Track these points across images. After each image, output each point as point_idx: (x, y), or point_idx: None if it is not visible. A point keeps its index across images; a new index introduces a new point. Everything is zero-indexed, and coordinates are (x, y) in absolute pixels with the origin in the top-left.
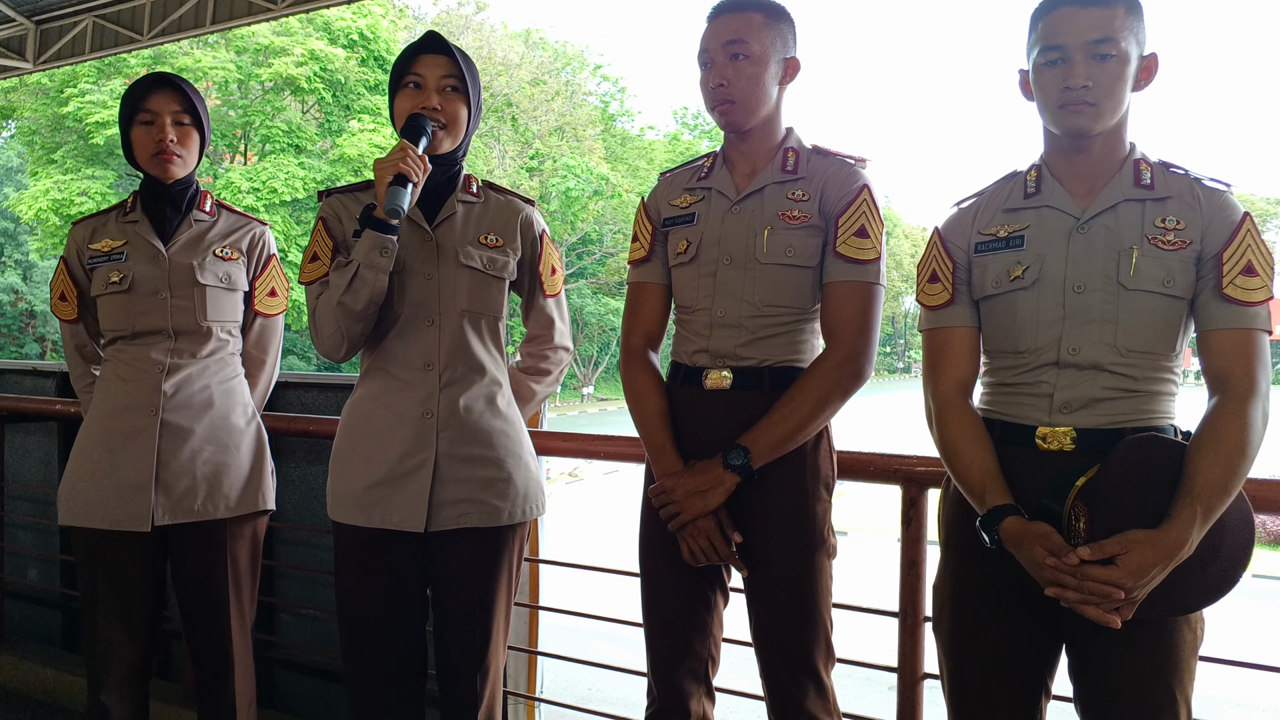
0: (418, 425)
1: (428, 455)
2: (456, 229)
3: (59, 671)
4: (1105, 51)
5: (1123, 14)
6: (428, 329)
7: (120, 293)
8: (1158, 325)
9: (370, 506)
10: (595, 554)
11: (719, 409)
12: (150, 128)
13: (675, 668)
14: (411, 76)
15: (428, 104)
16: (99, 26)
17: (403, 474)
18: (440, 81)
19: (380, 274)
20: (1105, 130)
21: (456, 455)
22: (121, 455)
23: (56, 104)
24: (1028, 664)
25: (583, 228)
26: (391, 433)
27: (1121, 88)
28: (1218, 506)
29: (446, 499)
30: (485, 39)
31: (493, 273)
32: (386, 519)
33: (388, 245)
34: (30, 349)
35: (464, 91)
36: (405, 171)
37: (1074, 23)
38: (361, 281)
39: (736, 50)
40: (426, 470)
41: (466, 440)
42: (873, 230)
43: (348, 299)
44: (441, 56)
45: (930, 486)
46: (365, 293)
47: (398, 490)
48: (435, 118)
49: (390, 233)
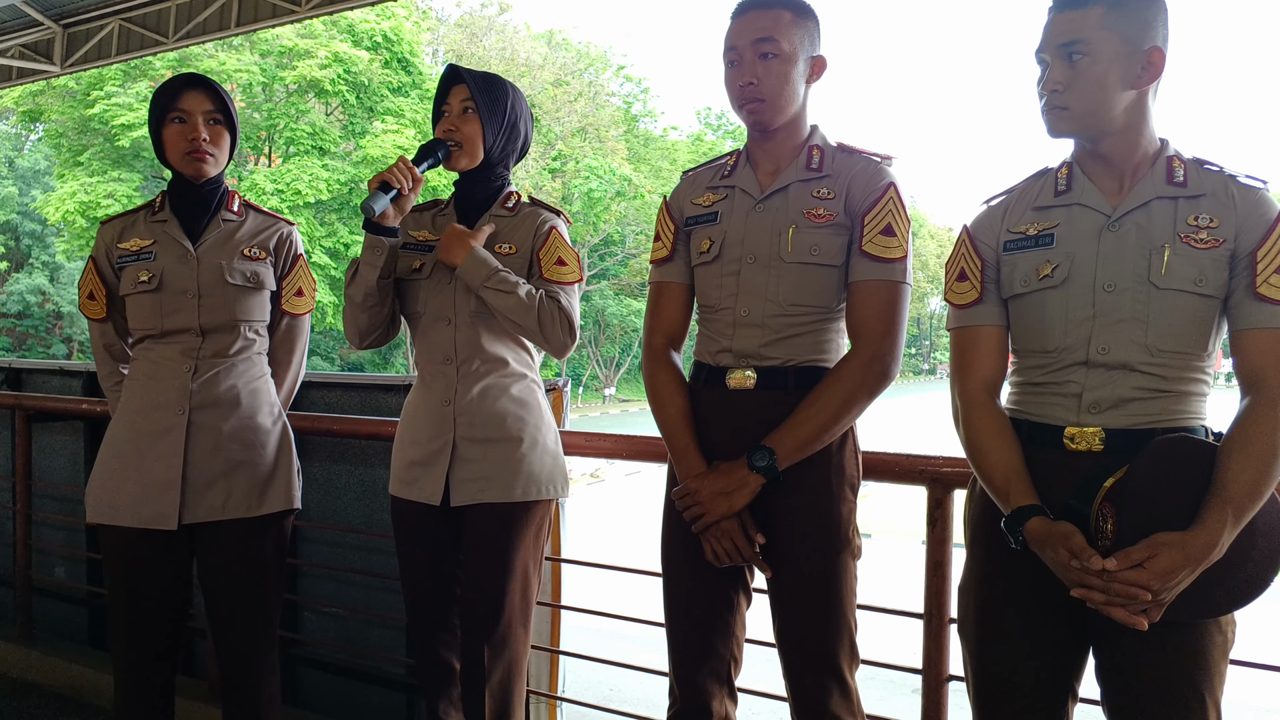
0: (440, 411)
1: (447, 438)
2: (482, 239)
3: (85, 668)
4: (1076, 51)
5: (1100, 13)
6: (446, 329)
7: (148, 292)
8: (1189, 325)
9: (410, 482)
10: (617, 554)
11: (742, 409)
12: (183, 126)
13: (698, 669)
14: (444, 106)
15: (447, 128)
16: (125, 29)
17: (431, 454)
18: (461, 105)
19: (372, 269)
20: (1109, 130)
21: (472, 438)
22: (149, 454)
23: (83, 106)
24: (1054, 666)
25: (605, 229)
26: (423, 418)
27: (1093, 87)
28: (1249, 509)
29: (464, 477)
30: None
31: None
32: (419, 493)
33: (378, 245)
34: (57, 349)
35: (478, 112)
36: (388, 179)
37: (1053, 28)
38: (360, 277)
39: (766, 49)
40: (446, 452)
41: (481, 425)
42: (899, 228)
43: (350, 291)
44: (460, 84)
45: (956, 488)
46: (361, 286)
47: (428, 468)
48: (450, 138)
49: (381, 234)
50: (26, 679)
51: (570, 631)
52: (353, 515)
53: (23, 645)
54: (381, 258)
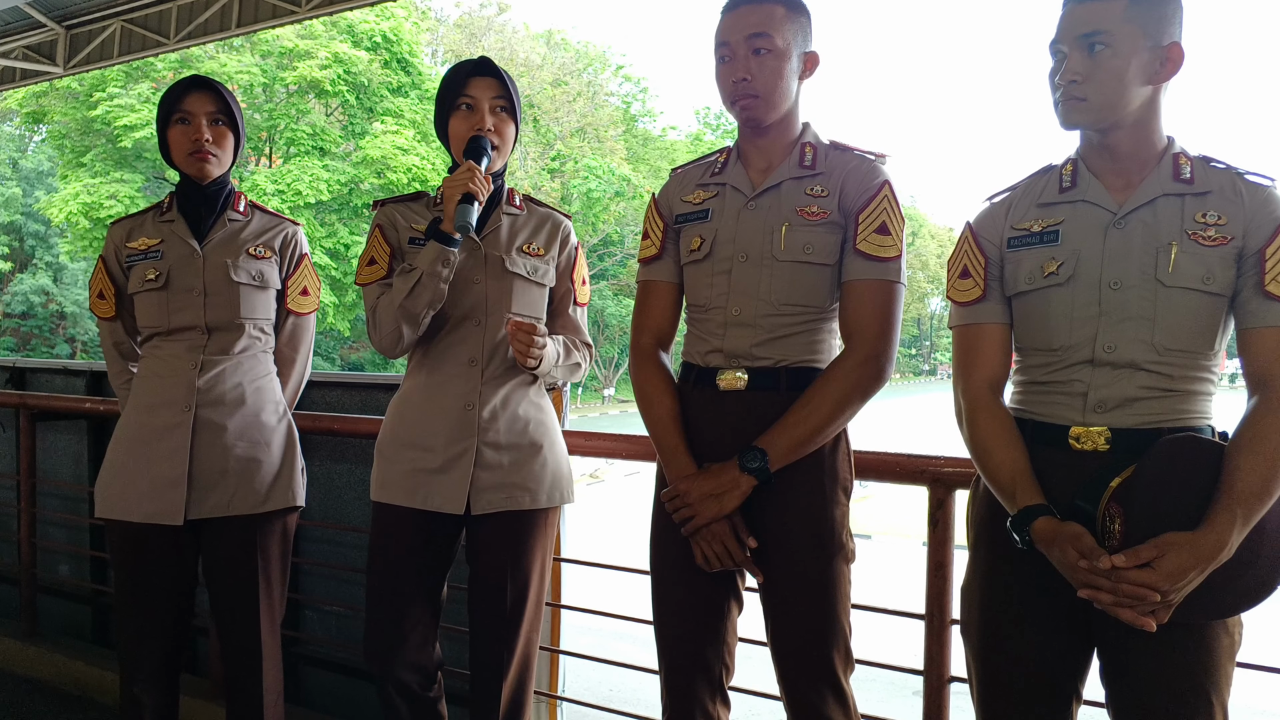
0: (461, 416)
1: (470, 444)
2: (502, 239)
3: (89, 665)
4: (1098, 43)
5: (1123, 5)
6: (475, 329)
7: (156, 289)
8: (1197, 323)
9: (414, 490)
10: (617, 554)
11: (733, 410)
12: (187, 127)
13: (689, 678)
14: (464, 98)
15: (482, 125)
16: (127, 30)
17: (448, 460)
18: (492, 103)
19: (441, 282)
20: (1121, 123)
21: (496, 444)
22: (156, 450)
23: (86, 108)
24: (1059, 668)
25: (604, 229)
26: (437, 422)
27: (1112, 79)
28: (1258, 509)
29: (486, 485)
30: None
31: (535, 279)
32: (428, 501)
33: (449, 257)
34: (61, 349)
35: (511, 112)
36: (473, 191)
37: (1072, 19)
38: (423, 288)
39: (759, 45)
40: (469, 458)
41: (505, 430)
42: (894, 227)
43: (409, 303)
44: (492, 79)
45: (958, 488)
46: (425, 297)
47: (442, 475)
48: (490, 138)
49: (453, 245)
50: (31, 676)
51: (570, 631)
52: (354, 514)
53: (27, 643)
54: (451, 270)
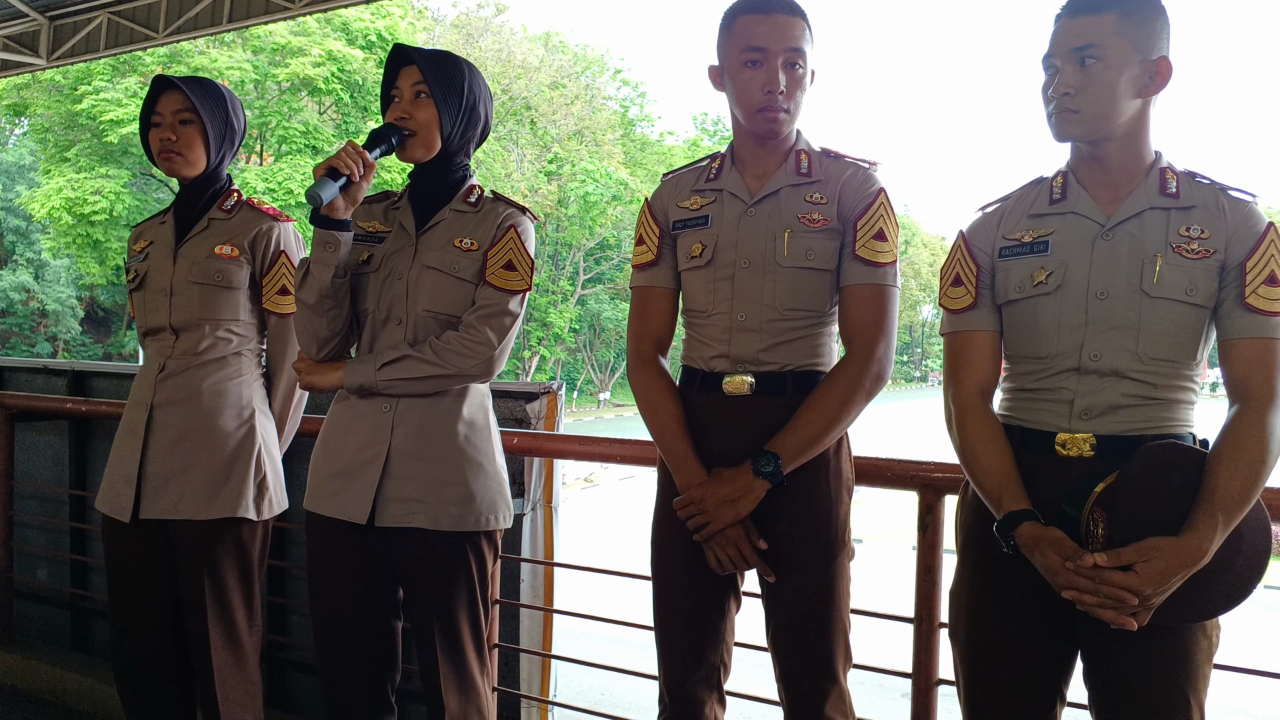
0: (377, 419)
1: (380, 449)
2: (437, 234)
3: (67, 671)
4: (1089, 56)
5: (1114, 19)
6: (397, 328)
7: (135, 290)
8: (1179, 333)
9: (330, 496)
10: (610, 559)
11: (740, 414)
12: (159, 129)
13: (688, 676)
14: (393, 90)
15: (400, 114)
16: (113, 23)
17: (358, 465)
18: (413, 89)
19: (325, 268)
20: (1112, 136)
21: (409, 452)
22: (121, 447)
23: (70, 101)
24: (1044, 670)
25: (601, 233)
26: (354, 424)
27: (1104, 91)
28: (1237, 515)
29: (394, 495)
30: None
31: (455, 274)
32: (340, 508)
33: (330, 240)
34: (42, 348)
35: (432, 96)
36: (336, 165)
37: (1065, 33)
38: (312, 276)
39: (795, 59)
40: (377, 464)
41: (421, 438)
42: (890, 233)
43: (302, 294)
44: (410, 66)
45: (947, 493)
46: (315, 287)
47: (353, 481)
48: (405, 126)
49: (334, 228)
50: (7, 683)
51: (562, 635)
52: None
53: (3, 649)
54: (335, 254)
